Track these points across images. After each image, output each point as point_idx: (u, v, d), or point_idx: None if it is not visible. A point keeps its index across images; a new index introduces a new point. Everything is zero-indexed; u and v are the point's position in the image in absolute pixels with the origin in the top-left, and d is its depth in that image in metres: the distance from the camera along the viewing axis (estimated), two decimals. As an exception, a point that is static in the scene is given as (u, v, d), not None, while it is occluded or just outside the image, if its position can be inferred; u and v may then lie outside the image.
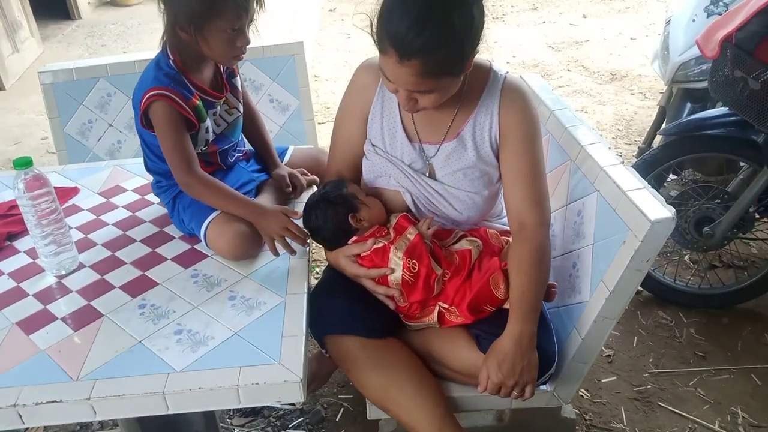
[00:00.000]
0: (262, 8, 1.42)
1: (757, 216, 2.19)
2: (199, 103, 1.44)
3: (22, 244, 1.50)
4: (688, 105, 2.72)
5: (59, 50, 5.28)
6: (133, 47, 5.28)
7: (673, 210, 1.19)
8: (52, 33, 5.67)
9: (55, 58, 5.03)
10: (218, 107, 1.52)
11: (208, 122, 1.48)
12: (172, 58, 1.42)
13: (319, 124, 3.76)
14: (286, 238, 1.40)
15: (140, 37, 5.51)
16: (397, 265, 1.36)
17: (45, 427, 1.81)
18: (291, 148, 1.79)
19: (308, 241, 1.45)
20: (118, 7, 6.44)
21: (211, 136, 1.51)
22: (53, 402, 1.06)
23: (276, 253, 1.41)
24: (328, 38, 5.57)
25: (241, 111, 1.60)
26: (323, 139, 3.33)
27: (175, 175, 1.43)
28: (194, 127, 1.45)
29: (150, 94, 1.38)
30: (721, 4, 2.53)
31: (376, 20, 1.21)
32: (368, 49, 1.21)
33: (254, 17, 1.41)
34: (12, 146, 3.69)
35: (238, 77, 1.60)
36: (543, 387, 1.41)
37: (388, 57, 1.20)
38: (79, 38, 5.56)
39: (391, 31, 1.17)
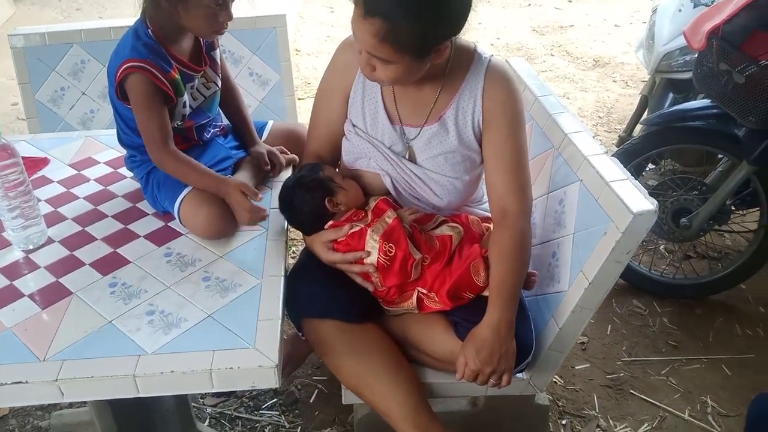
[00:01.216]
0: None
1: (734, 208, 2.21)
2: (177, 76, 1.39)
3: (-12, 216, 1.45)
4: (671, 95, 2.72)
5: (32, 12, 5.11)
6: (109, 12, 5.14)
7: (656, 202, 1.19)
8: (25, -6, 5.48)
9: (27, 20, 4.86)
10: (196, 81, 1.47)
11: (186, 96, 1.43)
12: (150, 28, 1.36)
13: (299, 99, 3.69)
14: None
15: (117, 2, 5.35)
16: (373, 248, 1.34)
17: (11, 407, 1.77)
18: (270, 124, 1.75)
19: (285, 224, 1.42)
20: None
21: (187, 111, 1.46)
22: (19, 383, 1.03)
23: (248, 221, 1.39)
24: (311, 11, 5.47)
25: (219, 85, 1.55)
26: (303, 116, 3.26)
27: (149, 152, 1.39)
28: (171, 101, 1.40)
29: (127, 65, 1.32)
30: (708, -6, 2.52)
31: None
32: (350, 21, 1.18)
33: None
34: (-19, 111, 3.57)
35: (217, 50, 1.54)
36: (519, 375, 1.41)
37: (356, 9, 1.18)
38: (53, 0, 5.38)
39: None
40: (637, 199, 1.20)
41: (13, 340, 1.11)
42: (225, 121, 1.68)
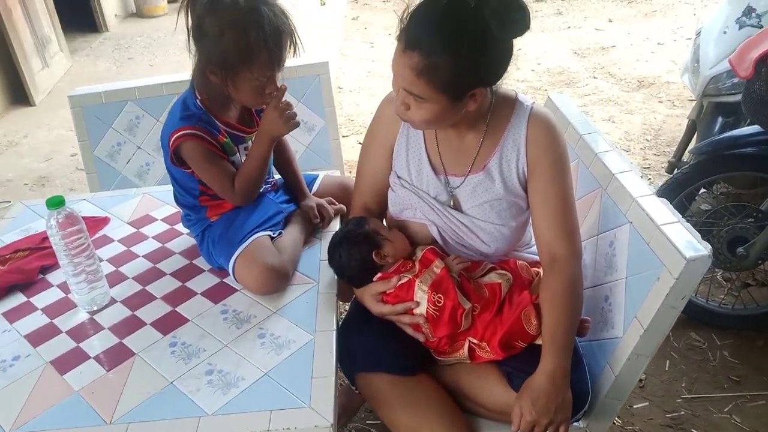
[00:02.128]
0: (296, 55, 1.42)
1: (793, 235, 2.13)
2: (226, 139, 1.45)
3: (54, 277, 1.53)
4: (720, 119, 2.66)
5: (87, 63, 5.37)
6: (159, 59, 5.35)
7: (709, 246, 1.16)
8: (80, 46, 5.77)
9: (83, 71, 5.11)
10: (249, 141, 1.52)
11: (238, 156, 1.49)
12: (199, 98, 1.43)
13: (344, 137, 3.76)
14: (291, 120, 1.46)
15: (166, 48, 5.58)
16: (422, 298, 1.35)
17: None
18: (320, 177, 1.79)
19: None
20: (144, 19, 6.54)
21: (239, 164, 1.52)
22: (88, 447, 1.08)
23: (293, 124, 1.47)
24: (351, 48, 5.58)
25: None
26: (347, 153, 3.34)
27: (224, 198, 1.50)
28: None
29: (178, 134, 1.39)
30: (753, 15, 2.47)
31: (407, 13, 1.23)
32: (391, 58, 1.22)
33: (284, 63, 1.42)
34: (43, 163, 3.75)
35: None
36: (576, 423, 1.39)
37: (398, 44, 1.22)
38: (107, 51, 5.65)
39: (410, 22, 1.20)
40: (689, 243, 1.18)
41: (81, 403, 1.16)
42: (277, 177, 1.73)
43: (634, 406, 1.95)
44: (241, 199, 1.51)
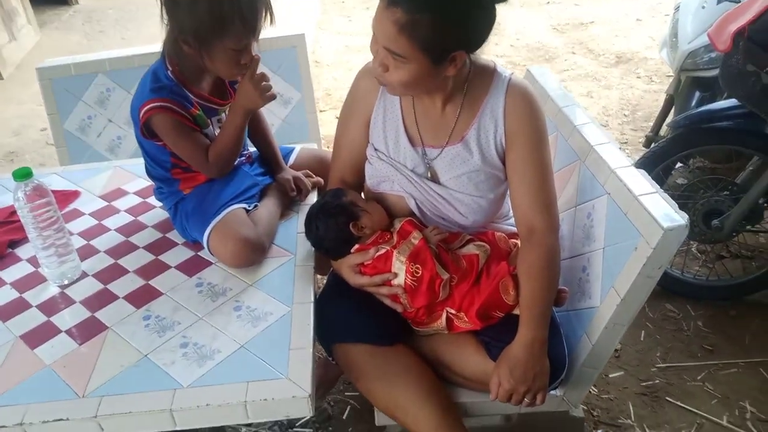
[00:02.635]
0: (273, 23, 1.38)
1: (767, 207, 2.16)
2: (199, 112, 1.41)
3: (24, 251, 1.49)
4: (697, 93, 2.67)
5: (57, 37, 5.23)
6: (132, 33, 5.23)
7: (686, 216, 1.17)
8: (49, 19, 5.61)
9: (53, 45, 4.98)
10: (222, 114, 1.49)
11: (211, 129, 1.46)
12: (170, 69, 1.39)
13: (321, 111, 3.72)
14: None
15: (139, 21, 5.45)
16: (399, 269, 1.34)
17: None
18: (297, 149, 1.76)
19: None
20: (115, -10, 6.35)
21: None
22: (60, 420, 1.06)
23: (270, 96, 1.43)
24: (329, 21, 5.50)
25: None
26: (325, 128, 3.30)
27: (198, 170, 1.47)
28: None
29: (148, 107, 1.36)
30: (731, -11, 2.47)
31: None
32: (369, 32, 1.20)
33: (260, 33, 1.38)
34: (12, 138, 3.66)
35: None
36: (552, 392, 1.40)
37: (380, 1, 1.19)
38: (77, 24, 5.50)
39: None
40: (667, 213, 1.18)
41: (52, 377, 1.14)
42: (252, 149, 1.69)
43: (610, 375, 1.97)
44: (215, 172, 1.48)
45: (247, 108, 1.43)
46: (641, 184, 1.28)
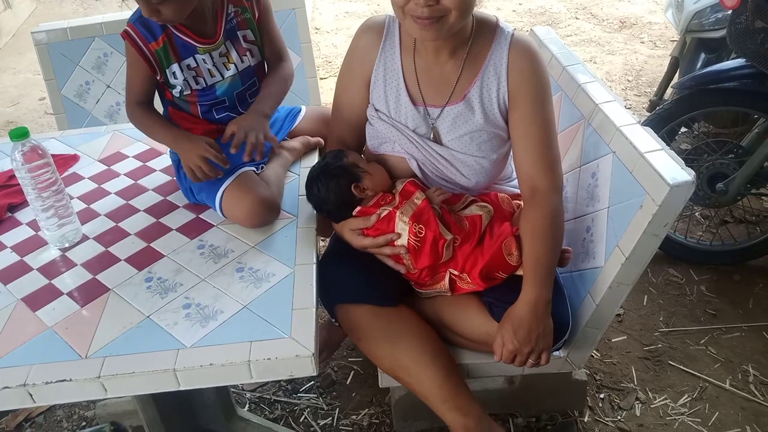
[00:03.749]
0: None
1: (772, 170, 2.14)
2: (160, 47, 1.38)
3: (23, 215, 1.47)
4: (703, 55, 2.64)
5: (53, 5, 5.16)
6: (130, 2, 5.14)
7: (693, 173, 1.15)
8: (45, -13, 5.52)
9: (49, 13, 4.91)
10: (204, 54, 1.43)
11: (176, 68, 1.42)
12: None
13: (321, 79, 3.68)
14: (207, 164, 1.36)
15: (135, -11, 5.36)
16: (403, 230, 1.33)
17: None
18: (303, 110, 1.73)
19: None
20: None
21: (180, 84, 1.44)
22: (63, 381, 1.05)
23: (196, 179, 1.38)
24: (328, -13, 5.41)
25: (239, 69, 1.50)
26: (326, 95, 3.27)
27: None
28: (154, 71, 1.41)
29: (122, 30, 1.38)
30: (739, -52, 2.41)
31: None
32: None
33: None
34: (9, 107, 3.63)
35: (248, 31, 1.49)
36: (556, 353, 1.40)
37: None
38: (73, -8, 5.41)
39: None
40: (673, 170, 1.17)
41: (55, 338, 1.13)
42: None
43: (613, 340, 1.98)
44: (128, 116, 1.48)
45: (180, 151, 1.40)
46: (647, 141, 1.26)
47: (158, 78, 1.43)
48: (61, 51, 2.11)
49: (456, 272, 1.35)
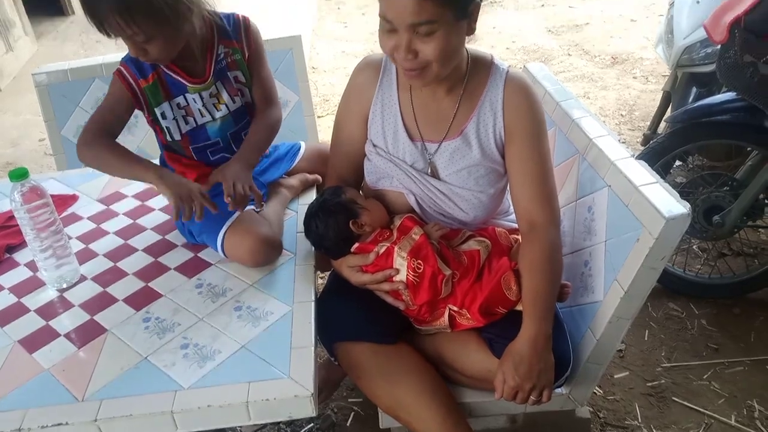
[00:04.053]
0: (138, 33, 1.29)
1: (767, 202, 2.15)
2: (150, 83, 1.40)
3: (22, 256, 1.47)
4: (694, 89, 2.67)
5: (54, 47, 5.22)
6: (128, 43, 5.22)
7: (688, 206, 1.16)
8: (46, 30, 5.60)
9: (50, 55, 4.97)
10: (194, 94, 1.45)
11: (166, 107, 1.43)
12: None
13: (319, 117, 3.71)
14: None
15: (135, 32, 5.44)
16: (401, 265, 1.33)
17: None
18: (303, 147, 1.74)
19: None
20: None
21: (170, 123, 1.45)
22: (59, 425, 1.04)
23: (176, 217, 1.31)
24: (325, 27, 5.50)
25: (231, 110, 1.51)
26: (324, 133, 3.29)
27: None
28: (139, 107, 1.42)
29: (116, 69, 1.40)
30: (726, -15, 2.47)
31: None
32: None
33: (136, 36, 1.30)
34: (9, 149, 3.65)
35: (238, 72, 1.51)
36: (558, 390, 1.38)
37: None
38: (74, 35, 5.49)
39: None
40: (668, 202, 1.17)
41: (51, 381, 1.12)
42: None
43: (615, 376, 1.96)
44: (78, 150, 1.39)
45: (167, 187, 1.32)
46: (642, 174, 1.27)
47: (146, 116, 1.44)
48: (61, 92, 2.13)
49: (455, 308, 1.34)
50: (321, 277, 2.27)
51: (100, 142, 1.38)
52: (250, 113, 1.56)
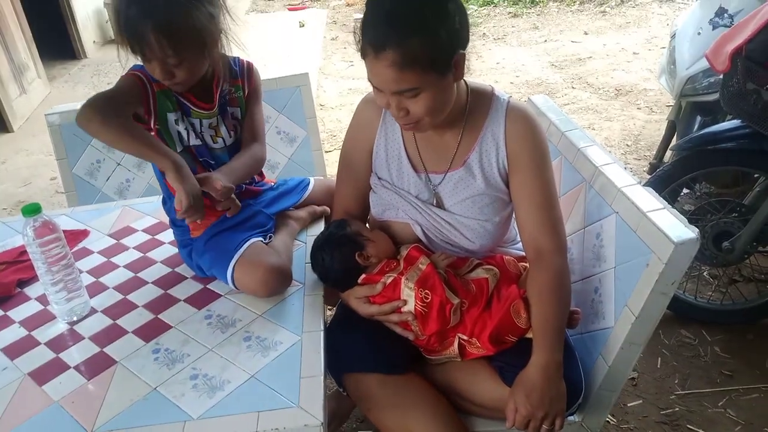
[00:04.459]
0: (174, 54, 1.31)
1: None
2: (165, 89, 1.40)
3: (32, 290, 1.48)
4: (698, 118, 2.69)
5: (66, 90, 5.34)
6: (138, 84, 5.32)
7: (697, 230, 1.16)
8: (59, 73, 5.74)
9: (62, 97, 5.08)
10: (197, 119, 1.47)
11: (177, 116, 1.44)
12: None
13: (326, 152, 3.75)
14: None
15: (145, 73, 5.56)
16: (409, 296, 1.33)
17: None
18: (311, 183, 1.75)
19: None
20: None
21: (183, 130, 1.45)
22: (68, 457, 1.03)
23: (182, 215, 1.29)
24: (331, 66, 5.61)
25: (227, 144, 1.53)
26: (331, 168, 3.33)
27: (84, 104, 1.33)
28: (147, 111, 1.40)
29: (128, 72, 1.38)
30: (726, 16, 2.52)
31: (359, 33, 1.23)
32: (368, 78, 1.21)
33: (171, 58, 1.32)
34: (21, 188, 3.70)
35: (237, 109, 1.54)
36: (570, 418, 1.37)
37: (368, 58, 1.21)
38: (86, 77, 5.62)
39: (366, 32, 1.20)
40: (677, 227, 1.17)
41: (61, 413, 1.12)
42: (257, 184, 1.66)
43: (629, 405, 1.93)
44: (83, 112, 1.30)
45: (170, 173, 1.30)
46: (649, 200, 1.27)
47: (153, 125, 1.42)
48: (73, 131, 2.17)
49: (465, 337, 1.34)
50: (329, 310, 2.27)
51: (117, 115, 1.31)
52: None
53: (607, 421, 1.86)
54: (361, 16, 1.25)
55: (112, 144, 1.36)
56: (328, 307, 1.89)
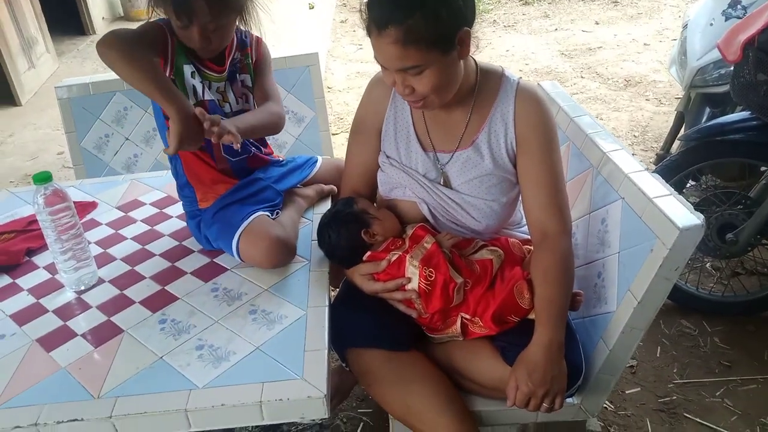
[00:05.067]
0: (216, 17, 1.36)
1: (781, 221, 2.14)
2: (181, 45, 1.43)
3: (41, 259, 1.50)
4: (707, 110, 2.69)
5: (74, 65, 5.34)
6: (146, 61, 5.32)
7: (702, 216, 1.17)
8: (67, 48, 5.73)
9: (70, 73, 5.08)
10: (207, 81, 1.48)
11: (192, 68, 1.46)
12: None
13: (333, 134, 3.75)
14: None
15: (153, 50, 5.55)
16: (413, 274, 1.34)
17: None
18: (319, 161, 1.77)
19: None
20: (132, 22, 6.50)
21: (197, 83, 1.47)
22: (74, 420, 1.05)
23: (173, 150, 1.27)
24: (340, 49, 5.59)
25: (233, 110, 1.53)
26: (338, 150, 3.34)
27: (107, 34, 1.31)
28: (165, 58, 1.41)
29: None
30: (739, 7, 2.50)
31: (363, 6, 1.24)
32: (373, 55, 1.22)
33: (211, 24, 1.37)
34: (28, 161, 3.71)
35: (246, 76, 1.56)
36: (569, 400, 1.38)
37: (372, 36, 1.22)
38: (94, 53, 5.53)
39: (371, 9, 1.21)
40: (682, 214, 1.18)
41: (68, 378, 1.14)
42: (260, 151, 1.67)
43: (627, 392, 1.95)
44: (103, 44, 1.28)
45: (173, 114, 1.26)
46: (655, 186, 1.28)
47: (169, 73, 1.42)
48: (82, 105, 2.18)
49: (468, 316, 1.35)
50: (333, 290, 2.29)
51: (143, 51, 1.30)
52: None
53: (606, 408, 1.88)
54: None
55: (126, 76, 1.29)
56: (332, 288, 1.91)
